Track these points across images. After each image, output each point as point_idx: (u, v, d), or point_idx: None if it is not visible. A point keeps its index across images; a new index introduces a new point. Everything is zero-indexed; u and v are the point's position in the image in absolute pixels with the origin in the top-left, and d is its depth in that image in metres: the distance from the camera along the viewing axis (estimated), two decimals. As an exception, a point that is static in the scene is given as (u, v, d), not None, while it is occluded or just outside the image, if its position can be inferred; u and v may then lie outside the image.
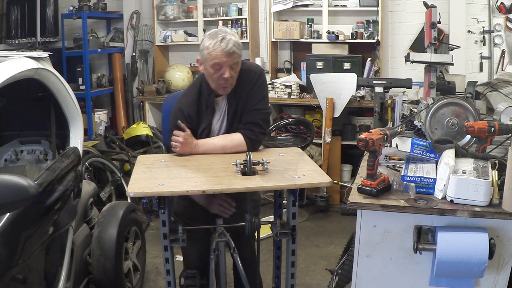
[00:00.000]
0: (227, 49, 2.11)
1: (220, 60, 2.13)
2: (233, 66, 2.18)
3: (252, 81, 2.29)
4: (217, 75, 2.17)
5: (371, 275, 1.93)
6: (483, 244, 1.70)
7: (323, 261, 3.63)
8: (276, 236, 2.13)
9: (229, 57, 2.13)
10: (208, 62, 2.17)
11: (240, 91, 2.29)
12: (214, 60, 2.14)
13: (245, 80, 2.29)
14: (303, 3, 4.97)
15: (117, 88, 5.69)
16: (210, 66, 2.17)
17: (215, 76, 2.18)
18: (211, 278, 2.19)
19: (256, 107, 2.29)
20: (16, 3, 5.39)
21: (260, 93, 2.31)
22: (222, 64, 2.14)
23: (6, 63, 2.21)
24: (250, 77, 2.29)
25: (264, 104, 2.33)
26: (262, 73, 2.35)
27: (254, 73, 2.31)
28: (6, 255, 1.79)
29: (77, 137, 2.77)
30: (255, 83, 2.30)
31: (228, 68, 2.15)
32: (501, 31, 4.71)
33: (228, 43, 2.12)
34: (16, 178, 1.61)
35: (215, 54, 2.13)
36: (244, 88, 2.29)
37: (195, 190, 1.85)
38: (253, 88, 2.29)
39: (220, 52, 2.12)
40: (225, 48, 2.11)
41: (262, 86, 2.32)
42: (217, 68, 2.16)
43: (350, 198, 1.87)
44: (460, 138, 2.19)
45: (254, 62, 2.87)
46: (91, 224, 2.92)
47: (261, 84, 2.32)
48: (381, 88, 3.83)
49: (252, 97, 2.29)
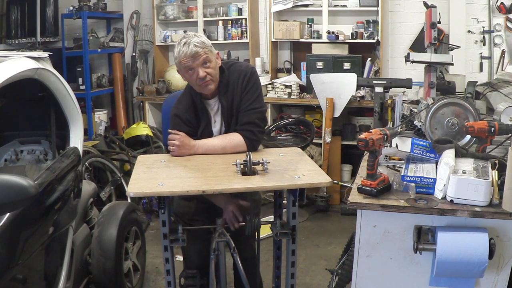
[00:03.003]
0: (189, 51, 2.17)
1: (189, 64, 2.19)
2: (205, 64, 2.21)
3: (244, 80, 2.31)
4: (194, 77, 2.22)
5: (371, 275, 1.93)
6: (483, 244, 1.70)
7: (323, 261, 3.63)
8: (276, 236, 2.13)
9: (195, 58, 2.18)
10: (181, 70, 2.25)
11: (231, 91, 2.31)
12: (185, 65, 2.21)
13: (236, 81, 2.31)
14: (303, 3, 4.97)
15: (117, 88, 5.69)
16: (185, 72, 2.24)
17: (193, 79, 2.23)
18: (211, 278, 2.19)
19: (251, 107, 2.30)
20: (16, 3, 5.39)
21: (253, 92, 2.32)
22: (193, 67, 2.20)
23: (6, 63, 2.21)
24: (242, 77, 2.31)
25: (259, 103, 2.33)
26: (253, 72, 2.36)
27: (245, 73, 2.32)
28: (6, 255, 1.79)
29: (77, 137, 2.77)
30: (247, 83, 2.31)
31: (200, 67, 2.20)
32: (501, 31, 4.71)
33: (189, 46, 2.17)
34: (16, 178, 1.61)
35: (183, 60, 2.20)
36: (235, 89, 2.30)
37: (195, 190, 1.85)
38: (246, 88, 2.30)
39: (184, 57, 2.18)
40: (187, 51, 2.17)
41: (254, 85, 2.33)
42: (190, 72, 2.22)
43: (350, 198, 1.87)
44: (460, 138, 2.18)
45: (244, 62, 2.86)
46: (91, 224, 2.92)
47: (254, 83, 2.33)
48: (381, 88, 3.83)
49: (246, 97, 2.30)
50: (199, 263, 2.38)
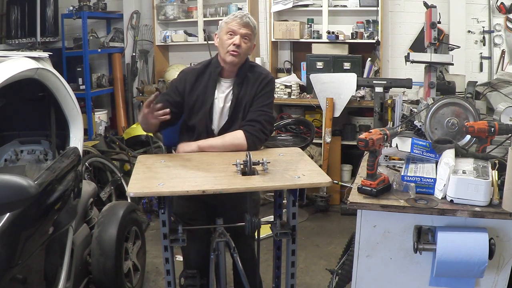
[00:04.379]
0: (243, 20, 2.30)
1: (235, 28, 2.30)
2: (245, 37, 2.31)
3: (262, 83, 2.37)
4: (229, 42, 2.30)
5: (371, 275, 1.93)
6: (483, 244, 1.70)
7: (323, 261, 3.63)
8: (276, 236, 2.13)
9: (243, 27, 2.30)
10: (223, 30, 2.33)
11: (246, 86, 2.35)
12: (231, 27, 2.30)
13: (254, 78, 2.37)
14: (303, 3, 4.97)
15: (117, 88, 5.69)
16: (224, 33, 2.32)
17: (227, 42, 2.31)
18: (211, 278, 2.19)
19: (261, 109, 2.35)
20: (16, 3, 5.39)
21: (267, 98, 2.38)
22: (235, 32, 2.29)
23: (6, 63, 2.21)
24: (261, 79, 2.38)
25: (269, 108, 2.40)
26: (272, 80, 2.45)
27: (265, 77, 2.40)
28: (6, 255, 1.79)
29: (77, 137, 2.77)
30: (265, 87, 2.37)
31: (240, 36, 2.29)
32: (501, 31, 4.71)
33: (244, 17, 2.32)
34: (16, 178, 1.60)
35: (232, 23, 2.31)
36: (252, 86, 2.36)
37: (195, 190, 1.85)
38: (262, 90, 2.36)
39: (236, 22, 2.30)
40: (241, 18, 2.31)
41: (270, 92, 2.41)
42: (230, 34, 2.30)
43: (350, 198, 1.87)
44: (460, 138, 2.19)
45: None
46: (91, 224, 2.92)
47: (270, 90, 2.41)
48: (381, 88, 3.83)
49: (259, 99, 2.36)
50: (199, 263, 2.38)
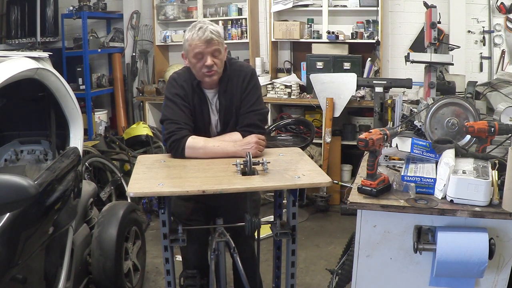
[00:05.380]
0: (205, 36, 2.14)
1: (200, 49, 2.16)
2: (215, 53, 2.19)
3: (245, 81, 2.31)
4: (200, 65, 2.20)
5: (371, 275, 1.93)
6: (483, 244, 1.70)
7: (323, 261, 3.63)
8: (276, 236, 2.13)
9: (208, 44, 2.15)
10: (190, 53, 2.21)
11: (231, 90, 2.30)
12: (195, 49, 2.17)
13: (236, 80, 2.31)
14: (303, 3, 4.97)
15: (117, 88, 5.69)
16: (192, 57, 2.20)
17: (198, 65, 2.20)
18: (211, 278, 2.19)
19: (252, 109, 2.30)
20: (16, 3, 5.39)
21: (254, 94, 2.32)
22: (203, 53, 2.17)
23: (6, 63, 2.21)
24: (242, 77, 2.31)
25: (260, 104, 2.34)
26: (253, 73, 2.36)
27: (246, 73, 2.32)
28: (6, 255, 1.79)
29: (77, 137, 2.77)
30: (248, 84, 2.31)
31: (209, 55, 2.17)
32: (501, 31, 4.71)
33: (205, 31, 2.15)
34: (16, 178, 1.61)
35: (195, 43, 2.16)
36: (235, 88, 2.30)
37: (195, 190, 1.85)
38: (246, 89, 2.31)
39: (198, 41, 2.15)
40: (202, 36, 2.14)
41: (255, 87, 2.34)
42: (199, 57, 2.19)
43: (350, 198, 1.87)
44: (460, 138, 2.18)
45: (244, 62, 2.84)
46: (91, 224, 2.92)
47: (254, 85, 2.34)
48: (381, 88, 3.82)
49: (247, 98, 2.30)
50: (197, 263, 2.38)
